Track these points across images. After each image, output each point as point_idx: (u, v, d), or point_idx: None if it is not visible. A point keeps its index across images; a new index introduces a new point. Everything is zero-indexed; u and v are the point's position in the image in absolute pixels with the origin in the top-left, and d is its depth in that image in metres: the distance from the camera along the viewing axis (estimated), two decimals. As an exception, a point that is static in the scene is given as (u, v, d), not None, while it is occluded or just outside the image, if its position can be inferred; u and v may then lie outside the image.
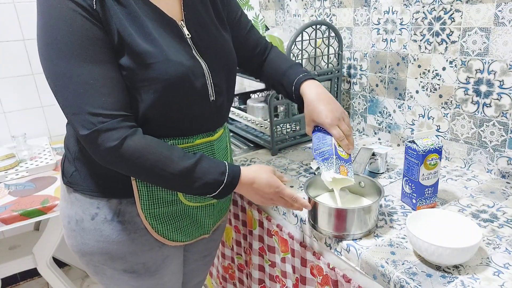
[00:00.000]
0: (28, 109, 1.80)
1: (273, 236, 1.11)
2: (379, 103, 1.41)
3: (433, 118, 1.23)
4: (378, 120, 1.43)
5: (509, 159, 1.07)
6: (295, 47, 1.29)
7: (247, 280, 1.34)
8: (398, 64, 1.30)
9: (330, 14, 1.53)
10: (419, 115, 1.28)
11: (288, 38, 1.29)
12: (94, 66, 0.69)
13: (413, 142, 0.91)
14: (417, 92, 1.26)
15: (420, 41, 1.21)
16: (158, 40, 0.75)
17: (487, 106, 1.08)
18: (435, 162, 0.90)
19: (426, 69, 1.22)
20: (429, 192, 0.93)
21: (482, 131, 1.11)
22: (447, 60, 1.15)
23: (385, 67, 1.35)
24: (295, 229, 1.02)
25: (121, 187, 0.81)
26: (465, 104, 1.14)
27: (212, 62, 0.83)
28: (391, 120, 1.38)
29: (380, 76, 1.38)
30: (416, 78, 1.26)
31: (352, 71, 1.49)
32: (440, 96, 1.20)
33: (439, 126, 1.22)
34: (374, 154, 1.14)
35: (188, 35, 0.81)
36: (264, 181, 0.82)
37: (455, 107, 1.16)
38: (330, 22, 1.52)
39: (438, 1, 1.13)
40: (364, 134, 1.51)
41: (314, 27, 1.31)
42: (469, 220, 0.78)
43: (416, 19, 1.21)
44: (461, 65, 1.12)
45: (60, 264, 1.93)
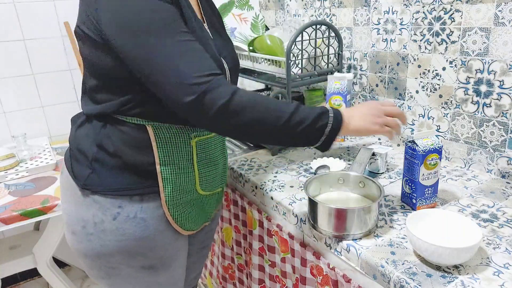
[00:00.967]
0: (28, 109, 1.80)
1: (273, 236, 1.11)
2: (379, 103, 1.41)
3: (433, 118, 1.23)
4: (378, 120, 1.43)
5: (509, 159, 1.07)
6: (295, 47, 1.29)
7: (247, 280, 1.34)
8: (398, 64, 1.30)
9: (330, 14, 1.53)
10: (419, 115, 1.28)
11: (288, 38, 1.29)
12: (187, 36, 0.73)
13: (413, 142, 0.91)
14: (417, 92, 1.26)
15: (420, 41, 1.21)
16: (201, 37, 0.80)
17: (487, 106, 1.08)
18: (435, 162, 0.90)
19: (426, 69, 1.22)
20: (429, 192, 0.93)
21: (482, 131, 1.11)
22: (447, 60, 1.15)
23: (385, 67, 1.35)
24: (295, 229, 1.02)
25: (143, 182, 0.82)
26: (465, 104, 1.14)
27: (230, 62, 0.89)
28: (391, 120, 1.38)
29: (380, 76, 1.38)
30: (416, 78, 1.26)
31: (352, 71, 1.49)
32: (440, 96, 1.20)
33: (439, 126, 1.22)
34: (374, 154, 1.14)
35: (211, 37, 0.87)
36: (366, 103, 0.88)
37: (455, 107, 1.16)
38: (330, 22, 1.52)
39: (438, 1, 1.13)
40: (364, 134, 1.51)
41: (314, 27, 1.31)
42: (469, 220, 0.78)
43: (416, 19, 1.21)
44: (461, 65, 1.12)
45: (60, 264, 1.93)
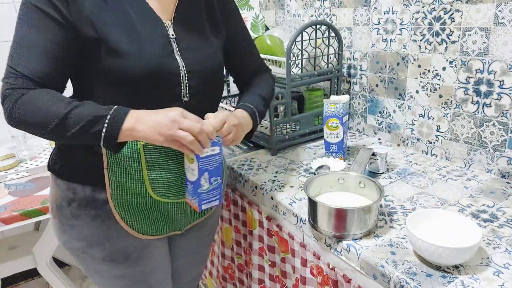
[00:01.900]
0: (28, 109, 1.80)
1: (273, 236, 1.11)
2: (379, 103, 1.41)
3: (433, 118, 1.23)
4: (378, 120, 1.43)
5: (509, 159, 1.07)
6: (295, 47, 1.29)
7: (247, 280, 1.34)
8: (398, 64, 1.30)
9: (330, 14, 1.53)
10: (419, 115, 1.28)
11: (288, 38, 1.29)
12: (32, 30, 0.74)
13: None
14: (417, 92, 1.26)
15: (420, 41, 1.21)
16: (138, 32, 0.78)
17: (487, 106, 1.08)
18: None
19: (426, 69, 1.22)
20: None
21: (482, 131, 1.11)
22: (447, 60, 1.15)
23: (385, 67, 1.35)
24: (295, 229, 1.02)
25: (94, 174, 0.83)
26: (465, 104, 1.14)
27: (193, 65, 0.85)
28: (391, 120, 1.38)
29: (380, 76, 1.38)
30: (416, 78, 1.26)
31: (352, 71, 1.49)
32: (440, 96, 1.20)
33: (439, 126, 1.22)
34: (374, 154, 1.14)
35: (172, 35, 0.84)
36: (169, 110, 0.76)
37: (455, 107, 1.16)
38: (330, 22, 1.52)
39: (438, 1, 1.13)
40: (364, 134, 1.51)
41: (314, 27, 1.31)
42: (469, 220, 0.78)
43: (416, 19, 1.21)
44: (461, 65, 1.12)
45: (60, 264, 1.93)
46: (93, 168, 0.83)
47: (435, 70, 1.19)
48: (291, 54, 1.28)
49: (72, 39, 0.76)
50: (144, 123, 0.73)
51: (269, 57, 1.38)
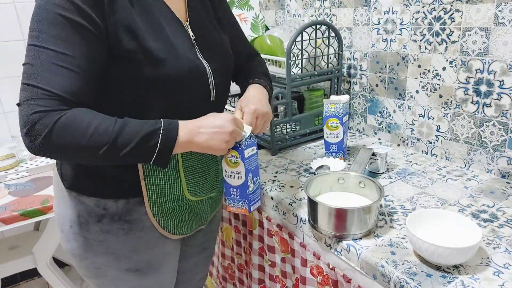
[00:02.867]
0: (28, 109, 1.80)
1: (273, 236, 1.11)
2: (379, 103, 1.41)
3: (433, 118, 1.23)
4: (378, 120, 1.43)
5: (509, 159, 1.07)
6: (295, 47, 1.29)
7: (247, 280, 1.34)
8: (398, 64, 1.30)
9: (330, 14, 1.53)
10: (419, 115, 1.28)
11: (288, 38, 1.29)
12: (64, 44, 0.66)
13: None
14: (417, 92, 1.26)
15: (420, 41, 1.21)
16: (170, 37, 0.77)
17: (487, 106, 1.08)
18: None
19: (426, 69, 1.22)
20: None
21: (482, 131, 1.11)
22: (447, 60, 1.15)
23: (385, 67, 1.35)
24: (295, 229, 1.02)
25: (129, 187, 0.81)
26: (465, 104, 1.14)
27: (214, 63, 0.85)
28: (391, 120, 1.38)
29: (380, 76, 1.38)
30: (416, 78, 1.26)
31: (352, 71, 1.49)
32: (440, 96, 1.20)
33: (439, 126, 1.22)
34: (374, 154, 1.14)
35: (192, 36, 0.84)
36: (215, 116, 0.77)
37: (455, 107, 1.16)
38: (330, 22, 1.52)
39: (438, 1, 1.13)
40: (364, 134, 1.51)
41: (314, 27, 1.31)
42: (469, 220, 0.78)
43: (416, 19, 1.21)
44: (461, 65, 1.12)
45: (60, 264, 1.93)
46: (126, 181, 0.81)
47: (435, 70, 1.19)
48: (291, 54, 1.28)
49: (107, 50, 0.70)
50: (202, 135, 0.73)
51: (269, 57, 1.38)
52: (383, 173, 1.16)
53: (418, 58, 1.23)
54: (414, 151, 1.32)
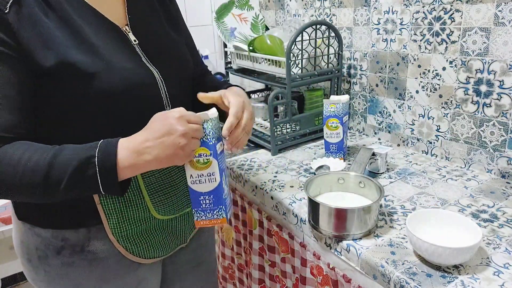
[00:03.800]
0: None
1: (273, 236, 1.11)
2: (379, 103, 1.41)
3: (433, 118, 1.23)
4: (378, 120, 1.43)
5: (509, 159, 1.07)
6: (295, 47, 1.29)
7: (247, 280, 1.34)
8: (398, 64, 1.30)
9: (330, 14, 1.53)
10: (419, 115, 1.28)
11: (288, 38, 1.29)
12: None
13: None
14: (417, 92, 1.26)
15: (420, 41, 1.21)
16: (98, 47, 0.67)
17: (487, 106, 1.08)
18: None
19: (426, 69, 1.22)
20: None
21: (482, 131, 1.11)
22: (447, 60, 1.15)
23: (385, 67, 1.35)
24: (295, 229, 1.02)
25: (87, 214, 0.73)
26: (465, 104, 1.14)
27: (165, 69, 0.76)
28: (391, 120, 1.38)
29: (380, 76, 1.38)
30: (416, 78, 1.26)
31: (352, 71, 1.49)
32: (440, 96, 1.20)
33: (439, 126, 1.22)
34: (374, 154, 1.14)
35: (135, 41, 0.75)
36: (158, 119, 0.65)
37: (455, 107, 1.16)
38: (330, 22, 1.52)
39: (438, 1, 1.13)
40: (364, 134, 1.51)
41: (314, 27, 1.31)
42: (469, 220, 0.78)
43: (416, 19, 1.21)
44: (461, 65, 1.12)
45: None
46: (83, 208, 0.72)
47: (435, 70, 1.19)
48: (291, 54, 1.28)
49: (27, 73, 0.63)
50: (151, 150, 0.62)
51: (269, 57, 1.38)
52: (383, 173, 1.16)
53: (418, 58, 1.23)
54: (414, 151, 1.32)
